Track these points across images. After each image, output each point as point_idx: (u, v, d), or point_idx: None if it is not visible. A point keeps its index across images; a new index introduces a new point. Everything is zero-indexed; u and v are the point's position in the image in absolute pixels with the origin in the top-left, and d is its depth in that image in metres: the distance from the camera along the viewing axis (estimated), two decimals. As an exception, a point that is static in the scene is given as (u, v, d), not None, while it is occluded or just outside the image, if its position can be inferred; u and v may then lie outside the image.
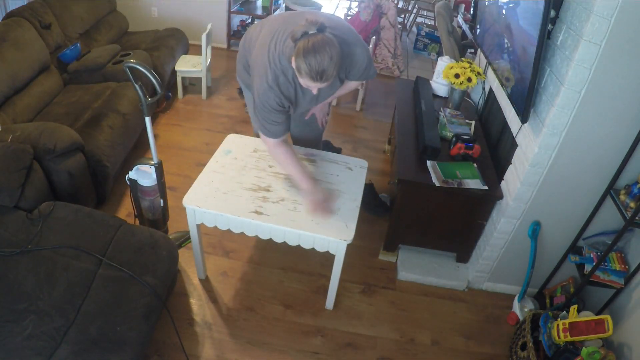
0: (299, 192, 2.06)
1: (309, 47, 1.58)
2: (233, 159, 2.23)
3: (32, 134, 2.26)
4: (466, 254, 2.58)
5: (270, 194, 2.06)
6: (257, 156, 2.27)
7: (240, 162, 2.22)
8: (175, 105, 3.88)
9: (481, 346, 2.26)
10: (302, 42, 1.59)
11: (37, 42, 2.98)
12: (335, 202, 2.06)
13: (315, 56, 1.58)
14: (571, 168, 1.98)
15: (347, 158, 2.36)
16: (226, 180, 2.10)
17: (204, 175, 2.11)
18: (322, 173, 2.22)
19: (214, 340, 2.10)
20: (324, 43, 1.59)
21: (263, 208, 1.97)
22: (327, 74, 1.63)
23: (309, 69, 1.60)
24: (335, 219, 1.97)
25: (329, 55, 1.60)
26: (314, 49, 1.58)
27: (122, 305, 1.75)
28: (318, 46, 1.58)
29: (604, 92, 1.75)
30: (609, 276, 2.00)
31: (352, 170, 2.28)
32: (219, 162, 2.21)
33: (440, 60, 3.08)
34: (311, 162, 2.28)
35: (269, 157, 2.24)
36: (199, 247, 2.20)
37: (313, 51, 1.58)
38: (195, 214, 2.02)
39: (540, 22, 1.73)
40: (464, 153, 2.42)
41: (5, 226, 1.92)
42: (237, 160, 2.23)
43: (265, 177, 2.15)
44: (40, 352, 1.56)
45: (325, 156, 2.33)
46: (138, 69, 1.87)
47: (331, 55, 1.60)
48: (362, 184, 2.20)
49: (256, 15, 5.21)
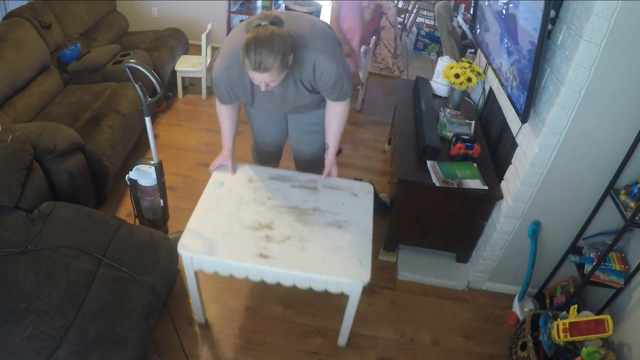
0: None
1: (251, 36, 1.57)
2: (227, 191, 2.02)
3: (32, 134, 2.26)
4: (466, 254, 2.58)
5: (273, 232, 1.85)
6: (252, 187, 2.05)
7: (236, 195, 2.00)
8: (175, 105, 3.88)
9: (481, 346, 2.26)
10: (250, 33, 1.59)
11: (37, 42, 2.98)
12: (227, 165, 2.11)
13: (255, 45, 1.56)
14: (571, 168, 1.98)
15: (350, 183, 2.17)
16: (223, 218, 1.89)
17: (198, 214, 1.91)
18: (327, 203, 2.02)
19: (214, 340, 2.10)
20: (269, 35, 1.57)
21: (268, 249, 1.78)
22: (266, 63, 1.58)
23: (247, 57, 1.58)
24: (347, 256, 1.80)
25: (270, 46, 1.56)
26: (256, 38, 1.56)
27: (122, 305, 1.75)
28: (262, 37, 1.56)
29: (604, 92, 1.75)
30: (609, 276, 2.00)
31: (357, 196, 2.08)
32: (213, 196, 1.99)
33: (440, 60, 3.08)
34: (312, 190, 2.08)
35: (267, 187, 2.07)
36: (198, 294, 2.01)
37: (254, 40, 1.56)
38: (192, 261, 1.82)
39: (540, 22, 1.73)
40: (464, 153, 2.42)
41: (5, 226, 1.92)
42: (231, 193, 2.01)
43: (266, 212, 1.93)
44: (40, 352, 1.56)
45: (326, 182, 2.14)
46: (138, 69, 1.87)
47: (272, 47, 1.56)
48: (370, 212, 2.02)
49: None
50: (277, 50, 1.57)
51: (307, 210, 1.97)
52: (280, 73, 1.65)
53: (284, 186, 2.08)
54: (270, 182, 2.09)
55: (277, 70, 1.62)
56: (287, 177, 2.13)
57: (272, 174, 2.15)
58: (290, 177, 2.14)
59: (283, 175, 2.15)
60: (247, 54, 1.58)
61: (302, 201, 2.01)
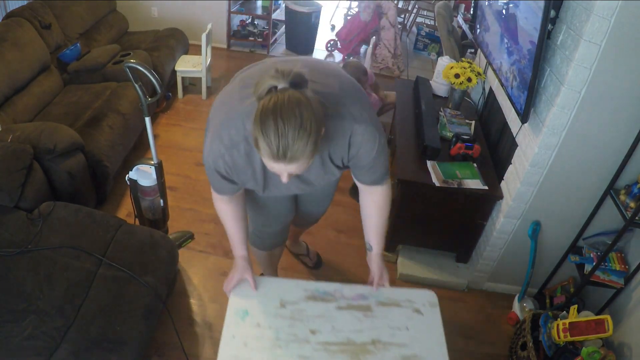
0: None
1: (269, 108, 1.06)
2: (255, 326, 1.48)
3: (32, 134, 2.26)
4: (466, 254, 2.58)
5: None
6: (288, 315, 1.51)
7: (269, 332, 1.46)
8: (175, 105, 3.88)
9: (481, 346, 2.26)
10: (263, 101, 1.09)
11: (37, 42, 2.98)
12: (246, 281, 1.57)
13: (275, 124, 1.05)
14: (571, 168, 1.98)
15: (408, 293, 1.64)
16: None
17: None
18: (387, 330, 1.50)
19: (214, 340, 2.10)
20: (295, 106, 1.06)
21: None
22: (294, 150, 1.08)
23: (265, 141, 1.08)
24: None
25: (298, 125, 1.06)
26: (276, 112, 1.05)
27: (122, 305, 1.75)
28: (285, 111, 1.06)
29: (604, 92, 1.75)
30: (609, 276, 2.00)
31: (422, 314, 1.59)
32: (237, 335, 1.45)
33: (440, 60, 3.08)
34: (364, 311, 1.55)
35: (306, 313, 1.52)
36: None
37: (274, 115, 1.05)
38: None
39: (540, 22, 1.73)
40: (464, 153, 2.42)
41: (5, 226, 1.92)
42: (261, 328, 1.48)
43: (313, 356, 1.42)
44: (40, 352, 1.56)
45: (380, 295, 1.60)
46: (138, 69, 1.87)
47: (302, 125, 1.06)
48: (441, 335, 1.54)
49: (256, 15, 5.21)
50: (309, 130, 1.08)
51: (365, 346, 1.48)
52: (311, 160, 1.15)
53: (328, 309, 1.55)
54: (308, 305, 1.56)
55: (307, 159, 1.13)
56: (328, 295, 1.60)
57: (308, 290, 1.60)
58: (332, 293, 1.60)
59: (323, 291, 1.61)
60: (265, 136, 1.07)
61: (355, 331, 1.50)
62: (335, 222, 2.85)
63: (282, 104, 1.06)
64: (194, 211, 2.73)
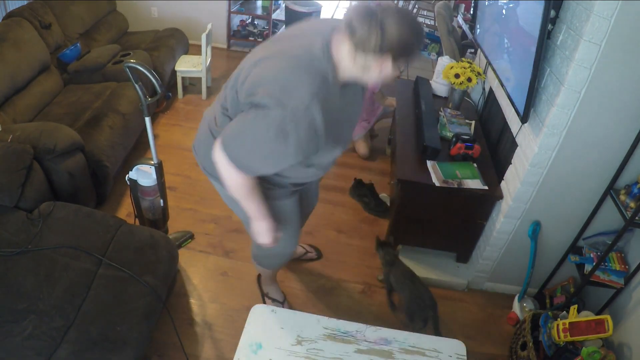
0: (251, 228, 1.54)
1: (393, 9, 1.12)
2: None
3: (32, 134, 2.26)
4: (466, 254, 2.58)
5: None
6: (303, 353, 1.40)
7: None
8: (175, 105, 3.88)
9: (481, 346, 2.26)
10: (381, 8, 1.11)
11: (37, 42, 2.98)
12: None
13: (411, 19, 1.15)
14: (571, 168, 1.98)
15: (433, 341, 1.53)
16: None
17: None
18: None
19: (214, 340, 2.10)
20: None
21: None
22: None
23: (416, 38, 1.15)
24: None
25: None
26: (401, 12, 1.13)
27: (122, 305, 1.76)
28: (403, 9, 1.16)
29: (604, 92, 1.75)
30: (609, 276, 2.00)
31: None
32: None
33: (440, 60, 3.08)
34: (386, 357, 1.46)
35: (324, 355, 1.43)
36: None
37: (401, 14, 1.13)
38: None
39: (540, 22, 1.73)
40: (464, 153, 2.42)
41: (5, 226, 1.92)
42: None
43: None
44: (40, 352, 1.56)
45: (403, 341, 1.50)
46: (138, 69, 1.87)
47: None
48: None
49: (256, 15, 5.21)
50: None
51: None
52: None
53: (347, 352, 1.46)
54: (327, 345, 1.46)
55: None
56: (349, 335, 1.50)
57: (327, 328, 1.51)
58: (353, 333, 1.51)
59: (344, 331, 1.51)
60: (415, 34, 1.15)
61: None
62: (335, 222, 2.85)
63: (395, 5, 1.13)
64: (194, 211, 2.74)
